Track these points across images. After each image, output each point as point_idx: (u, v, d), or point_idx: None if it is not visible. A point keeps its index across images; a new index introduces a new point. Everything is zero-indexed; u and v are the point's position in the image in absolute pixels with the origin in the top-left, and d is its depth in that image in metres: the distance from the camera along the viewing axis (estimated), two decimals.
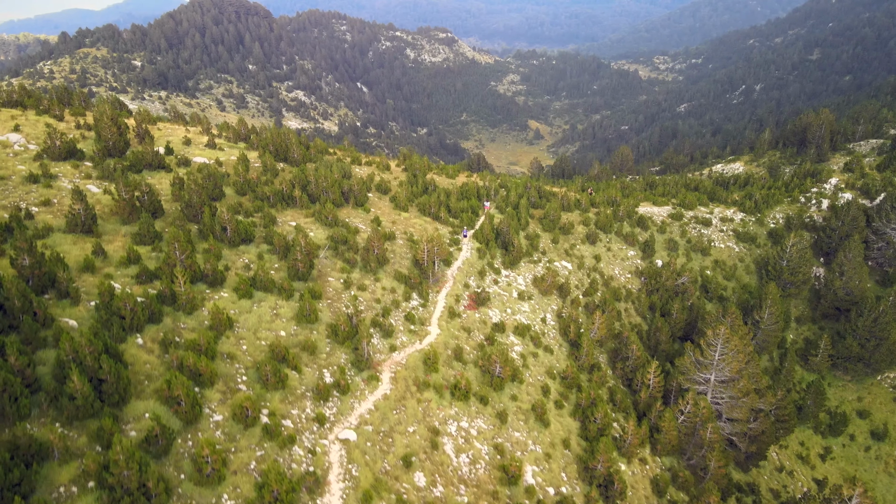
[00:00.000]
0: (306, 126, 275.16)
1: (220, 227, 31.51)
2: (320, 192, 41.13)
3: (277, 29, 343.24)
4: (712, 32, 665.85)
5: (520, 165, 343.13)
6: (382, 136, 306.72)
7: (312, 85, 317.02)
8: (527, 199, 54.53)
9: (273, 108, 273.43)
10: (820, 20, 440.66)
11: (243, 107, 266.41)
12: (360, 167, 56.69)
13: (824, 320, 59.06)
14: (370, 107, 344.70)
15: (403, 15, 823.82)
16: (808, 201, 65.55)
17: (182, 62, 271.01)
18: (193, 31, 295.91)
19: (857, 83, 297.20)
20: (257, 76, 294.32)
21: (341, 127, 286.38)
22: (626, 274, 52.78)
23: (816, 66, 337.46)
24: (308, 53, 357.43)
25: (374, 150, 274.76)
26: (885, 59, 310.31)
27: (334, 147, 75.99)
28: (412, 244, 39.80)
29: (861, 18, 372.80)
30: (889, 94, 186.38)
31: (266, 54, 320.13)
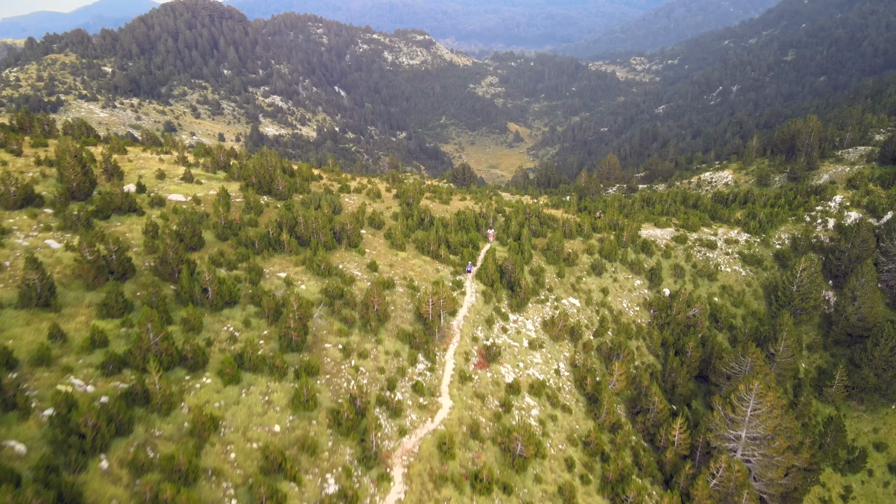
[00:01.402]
0: (284, 132, 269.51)
1: (199, 289, 27.66)
2: (310, 235, 37.37)
3: (252, 33, 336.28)
4: (687, 33, 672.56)
5: (500, 168, 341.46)
6: (362, 141, 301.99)
7: (289, 90, 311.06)
8: (528, 229, 51.29)
9: (249, 114, 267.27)
10: (793, 21, 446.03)
11: (219, 113, 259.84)
12: (350, 196, 52.87)
13: (836, 347, 56.77)
14: (348, 111, 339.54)
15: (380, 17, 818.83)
16: (813, 220, 63.31)
17: (154, 68, 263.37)
18: (166, 35, 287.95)
19: (832, 84, 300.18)
20: (233, 81, 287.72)
21: (320, 133, 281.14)
22: (635, 307, 49.81)
23: (791, 67, 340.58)
24: (284, 57, 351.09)
25: (353, 157, 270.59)
26: (859, 60, 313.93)
27: (319, 168, 72.04)
28: (413, 291, 36.25)
29: (834, 19, 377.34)
30: (868, 96, 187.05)
31: (241, 59, 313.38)
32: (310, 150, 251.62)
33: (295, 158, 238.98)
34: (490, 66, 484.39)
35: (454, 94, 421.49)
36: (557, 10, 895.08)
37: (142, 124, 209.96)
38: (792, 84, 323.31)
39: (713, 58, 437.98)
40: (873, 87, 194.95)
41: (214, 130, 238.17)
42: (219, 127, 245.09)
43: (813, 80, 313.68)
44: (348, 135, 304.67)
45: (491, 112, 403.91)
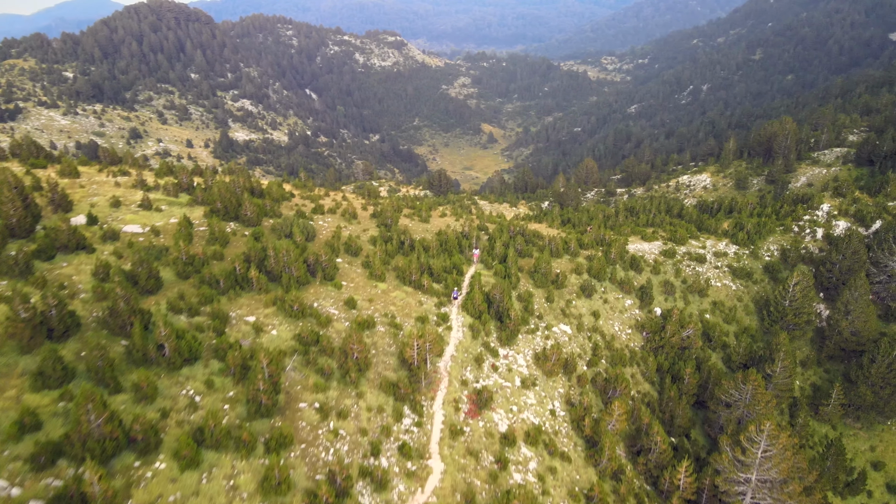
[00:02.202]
0: (254, 137, 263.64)
1: (154, 346, 24.33)
2: (281, 269, 34.11)
3: (220, 35, 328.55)
4: (655, 32, 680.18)
5: (475, 170, 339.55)
6: (334, 144, 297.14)
7: (259, 93, 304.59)
8: (513, 250, 48.61)
9: (218, 119, 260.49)
10: (759, 20, 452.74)
11: (186, 119, 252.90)
12: (324, 218, 49.53)
13: (830, 362, 55.27)
14: (320, 114, 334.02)
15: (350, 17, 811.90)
16: (801, 230, 61.86)
17: (118, 72, 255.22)
18: (130, 38, 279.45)
19: (799, 82, 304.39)
20: (200, 85, 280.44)
21: (291, 137, 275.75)
22: (627, 329, 47.48)
23: (759, 65, 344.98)
24: (253, 60, 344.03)
25: (326, 161, 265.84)
26: (825, 59, 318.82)
27: (290, 183, 68.43)
28: (395, 331, 33.23)
29: (799, 18, 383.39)
30: (838, 95, 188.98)
31: (209, 62, 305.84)
32: (281, 156, 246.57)
33: (266, 164, 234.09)
34: (462, 66, 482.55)
35: (427, 95, 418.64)
36: (528, 10, 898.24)
37: (105, 131, 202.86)
38: (760, 83, 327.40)
39: (683, 57, 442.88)
40: (842, 86, 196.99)
41: (182, 136, 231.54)
42: (187, 133, 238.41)
43: (781, 78, 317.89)
44: (320, 138, 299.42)
45: (464, 113, 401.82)
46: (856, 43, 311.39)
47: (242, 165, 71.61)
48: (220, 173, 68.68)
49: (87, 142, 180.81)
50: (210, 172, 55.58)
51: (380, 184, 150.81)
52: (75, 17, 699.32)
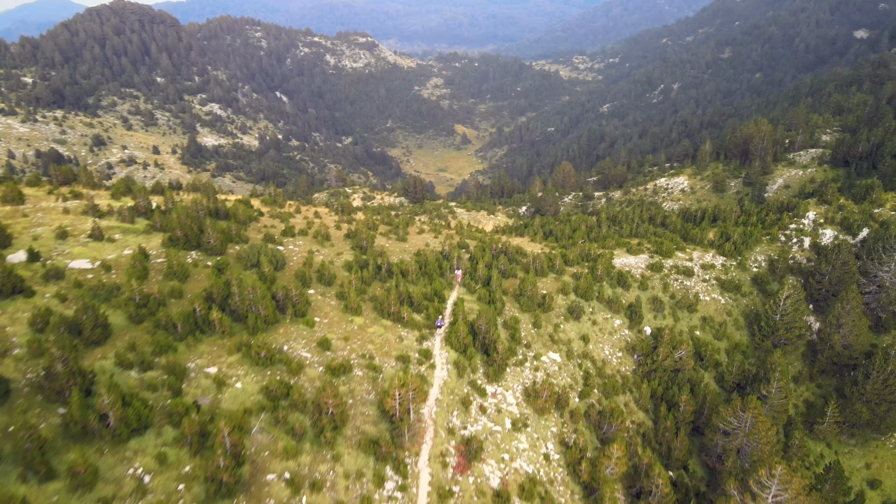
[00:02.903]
0: (224, 142, 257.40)
1: (96, 417, 21.12)
2: (247, 308, 30.97)
3: (186, 38, 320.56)
4: (625, 31, 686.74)
5: (449, 172, 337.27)
6: (306, 148, 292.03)
7: (228, 97, 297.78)
8: (497, 271, 46.01)
9: (186, 123, 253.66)
10: (727, 18, 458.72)
11: (152, 124, 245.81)
12: (294, 241, 46.28)
13: (822, 377, 53.86)
14: (291, 117, 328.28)
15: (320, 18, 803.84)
16: (788, 240, 60.47)
17: (80, 77, 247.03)
18: (92, 42, 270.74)
19: (768, 80, 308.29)
20: (167, 90, 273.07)
21: (262, 141, 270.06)
22: (618, 353, 45.24)
23: (729, 64, 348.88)
24: (221, 63, 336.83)
25: (298, 165, 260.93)
26: (792, 57, 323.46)
27: (260, 198, 64.94)
28: (374, 375, 30.31)
29: (766, 17, 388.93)
30: (808, 94, 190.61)
31: (175, 65, 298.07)
32: (252, 161, 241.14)
33: (236, 170, 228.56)
34: (434, 67, 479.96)
35: (399, 96, 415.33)
36: (499, 10, 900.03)
37: (67, 139, 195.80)
38: (730, 81, 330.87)
39: (653, 56, 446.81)
40: (812, 84, 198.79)
41: (148, 143, 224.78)
42: (153, 139, 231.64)
43: (749, 76, 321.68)
44: (292, 142, 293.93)
45: (437, 114, 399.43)
46: (821, 41, 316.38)
47: (207, 181, 67.67)
48: (184, 189, 64.92)
49: (48, 150, 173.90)
50: (170, 192, 51.94)
51: (353, 190, 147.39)
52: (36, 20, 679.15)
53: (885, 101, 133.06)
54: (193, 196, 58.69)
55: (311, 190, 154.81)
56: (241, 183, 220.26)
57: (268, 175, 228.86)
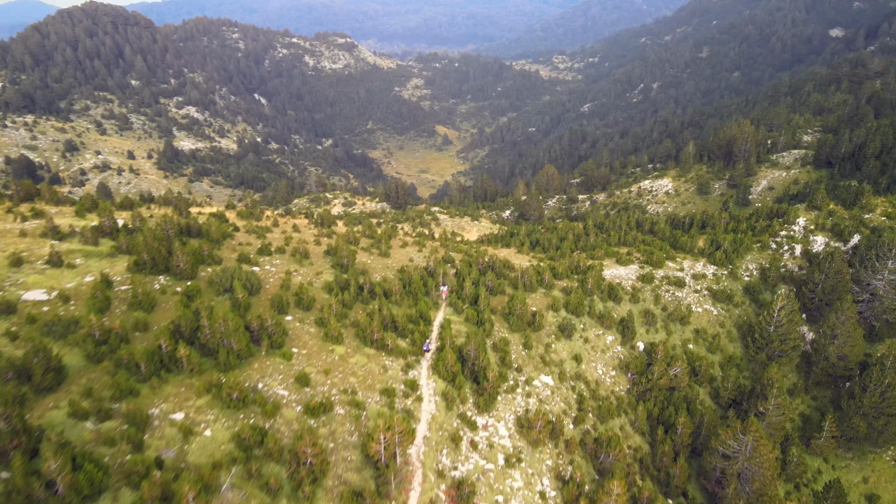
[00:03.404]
0: (201, 146, 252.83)
1: (42, 484, 18.74)
2: (218, 342, 28.64)
3: (161, 40, 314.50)
4: (604, 30, 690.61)
5: (431, 173, 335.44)
6: (286, 151, 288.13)
7: (205, 100, 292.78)
8: (484, 288, 44.07)
9: (162, 127, 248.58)
10: (704, 18, 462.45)
11: (127, 128, 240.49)
12: (272, 260, 43.87)
13: (817, 388, 52.72)
14: (270, 120, 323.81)
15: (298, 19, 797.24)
16: (779, 247, 59.35)
17: (52, 80, 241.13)
18: (64, 45, 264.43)
19: (745, 79, 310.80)
20: (142, 93, 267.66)
21: (240, 144, 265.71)
22: (611, 371, 43.54)
23: (707, 63, 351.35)
24: (198, 65, 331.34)
25: (278, 169, 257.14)
26: (769, 56, 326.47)
27: (236, 210, 62.29)
28: (357, 413, 28.14)
29: (743, 16, 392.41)
30: (787, 94, 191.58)
31: (150, 68, 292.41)
32: (230, 165, 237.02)
33: (214, 174, 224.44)
34: (414, 67, 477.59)
35: (379, 97, 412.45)
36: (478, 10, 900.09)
37: (38, 144, 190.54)
38: (709, 80, 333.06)
39: (632, 55, 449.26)
40: (791, 84, 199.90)
41: (123, 148, 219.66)
42: (128, 143, 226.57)
43: (728, 75, 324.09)
44: (271, 145, 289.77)
45: (418, 115, 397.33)
46: (798, 40, 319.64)
47: (179, 194, 64.78)
48: (156, 202, 62.08)
49: (18, 156, 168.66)
50: (138, 209, 49.23)
51: (334, 196, 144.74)
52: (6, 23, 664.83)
53: (864, 101, 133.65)
54: (164, 211, 56.01)
55: (290, 196, 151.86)
56: (219, 188, 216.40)
57: (246, 179, 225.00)
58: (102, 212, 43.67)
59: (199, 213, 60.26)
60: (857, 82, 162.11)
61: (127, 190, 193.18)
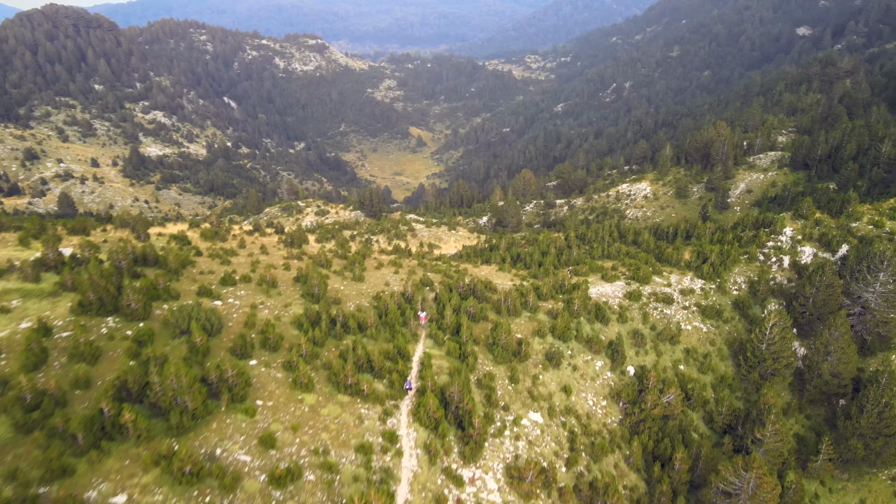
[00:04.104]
0: (169, 151, 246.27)
1: None
2: (170, 402, 25.35)
3: (126, 43, 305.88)
4: (575, 30, 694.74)
5: (405, 175, 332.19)
6: (257, 156, 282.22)
7: (173, 104, 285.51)
8: (466, 316, 41.26)
9: (127, 133, 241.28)
10: (674, 17, 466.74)
11: (91, 135, 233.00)
12: (236, 291, 40.42)
13: (811, 407, 51.01)
14: (241, 124, 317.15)
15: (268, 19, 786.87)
16: (767, 259, 57.67)
17: (10, 86, 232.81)
18: (22, 48, 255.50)
19: (716, 78, 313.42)
20: (106, 98, 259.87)
21: (210, 149, 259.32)
22: (602, 402, 41.09)
23: (678, 62, 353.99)
24: (165, 68, 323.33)
25: (249, 174, 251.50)
26: (738, 55, 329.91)
27: (200, 229, 58.47)
28: (330, 476, 25.08)
29: (712, 15, 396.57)
30: (759, 93, 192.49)
31: (115, 72, 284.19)
32: (200, 171, 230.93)
33: (183, 181, 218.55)
34: (387, 68, 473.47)
35: (352, 99, 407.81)
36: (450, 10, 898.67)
37: None
38: (680, 79, 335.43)
39: (604, 55, 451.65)
40: (762, 83, 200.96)
41: (86, 155, 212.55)
42: (91, 150, 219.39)
43: (698, 74, 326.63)
44: (242, 150, 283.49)
45: (391, 117, 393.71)
46: (766, 39, 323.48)
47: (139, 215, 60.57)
48: (113, 222, 57.91)
49: None
50: (94, 228, 45.35)
51: (307, 203, 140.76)
52: None
53: (836, 101, 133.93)
54: (121, 235, 52.12)
55: (261, 204, 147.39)
56: (188, 195, 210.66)
57: (217, 186, 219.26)
58: (48, 240, 39.77)
59: (160, 234, 56.43)
60: (827, 82, 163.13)
61: (91, 199, 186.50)
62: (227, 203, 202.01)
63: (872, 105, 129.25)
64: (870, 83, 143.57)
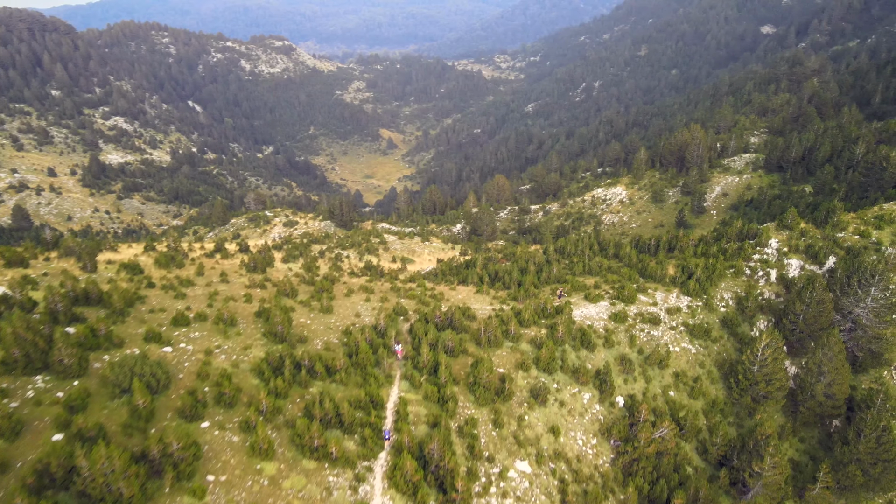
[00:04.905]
0: (131, 159, 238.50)
1: None
2: (102, 489, 21.59)
3: (84, 46, 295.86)
4: (543, 29, 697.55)
5: (376, 178, 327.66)
6: (224, 161, 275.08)
7: (134, 109, 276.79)
8: (444, 352, 38.01)
9: (87, 140, 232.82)
10: (641, 16, 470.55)
11: (48, 143, 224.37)
12: (190, 331, 36.49)
13: (804, 429, 48.99)
14: (206, 128, 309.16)
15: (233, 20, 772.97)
16: (753, 272, 55.65)
17: None
18: None
19: (683, 77, 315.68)
20: (63, 104, 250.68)
21: (174, 156, 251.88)
22: (592, 440, 38.25)
23: (646, 61, 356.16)
24: (125, 72, 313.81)
25: (216, 181, 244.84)
26: (705, 53, 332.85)
27: (155, 254, 53.99)
28: None
29: (678, 14, 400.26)
30: (728, 93, 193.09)
31: (72, 77, 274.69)
32: (164, 178, 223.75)
33: (146, 189, 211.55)
34: (356, 70, 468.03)
35: (321, 102, 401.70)
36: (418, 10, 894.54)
37: None
38: (648, 78, 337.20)
39: (572, 54, 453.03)
40: (731, 83, 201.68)
41: (43, 164, 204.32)
42: (48, 159, 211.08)
43: (666, 73, 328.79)
44: (208, 155, 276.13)
45: (361, 119, 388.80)
46: (731, 37, 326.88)
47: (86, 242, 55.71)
48: (58, 249, 53.21)
49: None
50: (35, 257, 40.92)
51: (274, 213, 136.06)
52: None
53: (806, 101, 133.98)
54: (64, 266, 47.64)
55: (227, 215, 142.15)
56: (151, 204, 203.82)
57: (181, 194, 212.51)
58: None
59: (109, 261, 51.95)
60: (796, 81, 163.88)
61: (47, 211, 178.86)
62: (193, 211, 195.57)
63: (841, 104, 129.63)
64: (837, 82, 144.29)
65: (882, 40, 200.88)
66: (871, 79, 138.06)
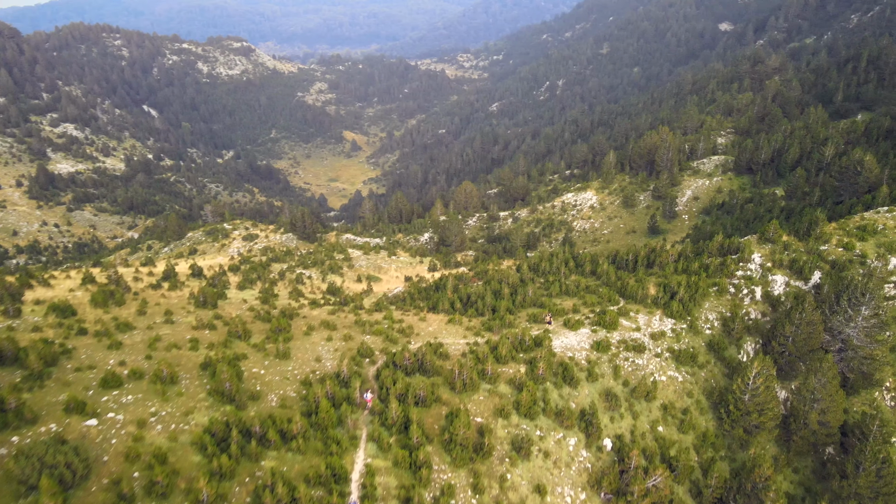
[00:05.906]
0: (82, 167, 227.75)
1: None
2: None
3: (30, 50, 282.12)
4: (505, 27, 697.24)
5: (341, 181, 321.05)
6: (182, 168, 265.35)
7: (85, 115, 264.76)
8: (415, 402, 33.96)
9: (34, 149, 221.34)
10: (602, 14, 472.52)
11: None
12: (122, 394, 31.64)
13: (798, 459, 46.45)
14: (163, 133, 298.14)
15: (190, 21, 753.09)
16: (738, 290, 53.05)
17: None
18: None
19: (645, 75, 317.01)
20: (7, 111, 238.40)
21: (129, 163, 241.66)
22: (581, 495, 34.76)
23: (608, 59, 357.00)
24: (75, 76, 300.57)
25: (173, 188, 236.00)
26: (665, 51, 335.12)
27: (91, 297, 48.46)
28: None
29: (638, 12, 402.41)
30: (691, 91, 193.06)
31: (17, 82, 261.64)
32: (118, 188, 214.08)
33: (99, 200, 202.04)
34: (317, 71, 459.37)
35: (282, 104, 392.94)
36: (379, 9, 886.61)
37: None
38: (611, 76, 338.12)
39: (535, 52, 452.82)
40: (694, 81, 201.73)
41: None
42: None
43: (629, 71, 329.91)
44: (165, 162, 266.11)
45: (324, 121, 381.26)
46: (691, 35, 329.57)
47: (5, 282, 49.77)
48: None
49: None
50: None
51: (233, 226, 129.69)
52: None
53: (770, 100, 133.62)
54: None
55: (184, 228, 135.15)
56: (104, 216, 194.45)
57: (137, 204, 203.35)
58: None
59: (38, 301, 46.45)
60: (758, 80, 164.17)
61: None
62: (150, 222, 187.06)
63: (805, 103, 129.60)
64: (799, 80, 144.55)
65: (838, 37, 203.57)
66: (832, 77, 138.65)
